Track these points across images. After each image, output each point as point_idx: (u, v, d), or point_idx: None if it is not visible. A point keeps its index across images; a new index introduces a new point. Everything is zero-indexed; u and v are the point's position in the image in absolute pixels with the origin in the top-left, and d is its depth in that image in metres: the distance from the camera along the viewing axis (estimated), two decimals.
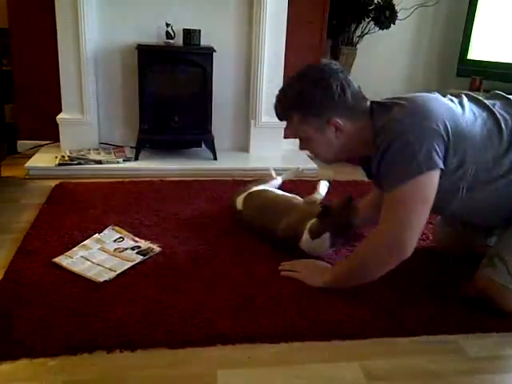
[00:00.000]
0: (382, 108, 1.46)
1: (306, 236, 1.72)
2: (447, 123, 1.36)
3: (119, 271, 1.62)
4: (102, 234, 1.88)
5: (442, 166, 1.35)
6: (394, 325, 1.41)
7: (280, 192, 2.08)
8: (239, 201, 2.02)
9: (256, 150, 3.03)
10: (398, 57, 3.57)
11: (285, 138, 3.01)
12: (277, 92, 1.55)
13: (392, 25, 3.26)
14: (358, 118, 1.47)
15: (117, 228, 1.93)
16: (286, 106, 1.52)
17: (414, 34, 3.55)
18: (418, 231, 1.38)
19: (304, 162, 2.84)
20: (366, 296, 1.53)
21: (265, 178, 2.24)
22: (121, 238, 1.86)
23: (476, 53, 3.23)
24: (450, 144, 1.36)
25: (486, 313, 1.47)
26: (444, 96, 1.50)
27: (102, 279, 1.56)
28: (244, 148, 3.10)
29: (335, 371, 1.24)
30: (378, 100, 1.51)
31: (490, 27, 3.17)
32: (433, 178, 1.35)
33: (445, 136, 1.35)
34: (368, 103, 1.49)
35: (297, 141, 1.61)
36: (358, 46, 3.36)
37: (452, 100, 1.48)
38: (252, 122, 3.01)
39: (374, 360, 1.29)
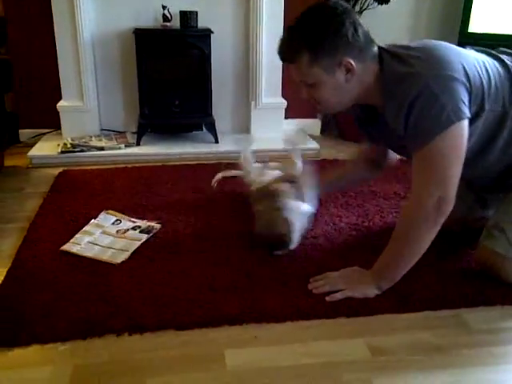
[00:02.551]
0: (393, 57, 1.38)
1: None
2: (466, 68, 1.33)
3: (131, 250, 1.65)
4: (97, 219, 1.89)
5: (469, 115, 1.32)
6: (397, 301, 1.43)
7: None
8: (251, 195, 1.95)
9: (257, 132, 3.02)
10: (398, 32, 3.52)
11: (285, 118, 3.00)
12: (281, 35, 1.42)
13: None
14: (368, 61, 1.38)
15: (110, 211, 1.95)
16: (295, 45, 1.37)
17: (414, 8, 3.50)
18: (457, 183, 1.34)
19: (305, 142, 2.83)
20: None
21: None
22: (118, 220, 1.88)
23: (477, 25, 3.19)
24: (473, 91, 1.33)
25: (488, 286, 1.49)
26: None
27: (119, 260, 1.59)
28: (245, 130, 3.09)
29: (341, 348, 1.26)
30: (385, 46, 1.42)
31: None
32: (464, 128, 1.32)
33: (467, 83, 1.32)
34: (376, 48, 1.40)
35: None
36: None
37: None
38: (252, 103, 2.99)
39: (378, 336, 1.31)
